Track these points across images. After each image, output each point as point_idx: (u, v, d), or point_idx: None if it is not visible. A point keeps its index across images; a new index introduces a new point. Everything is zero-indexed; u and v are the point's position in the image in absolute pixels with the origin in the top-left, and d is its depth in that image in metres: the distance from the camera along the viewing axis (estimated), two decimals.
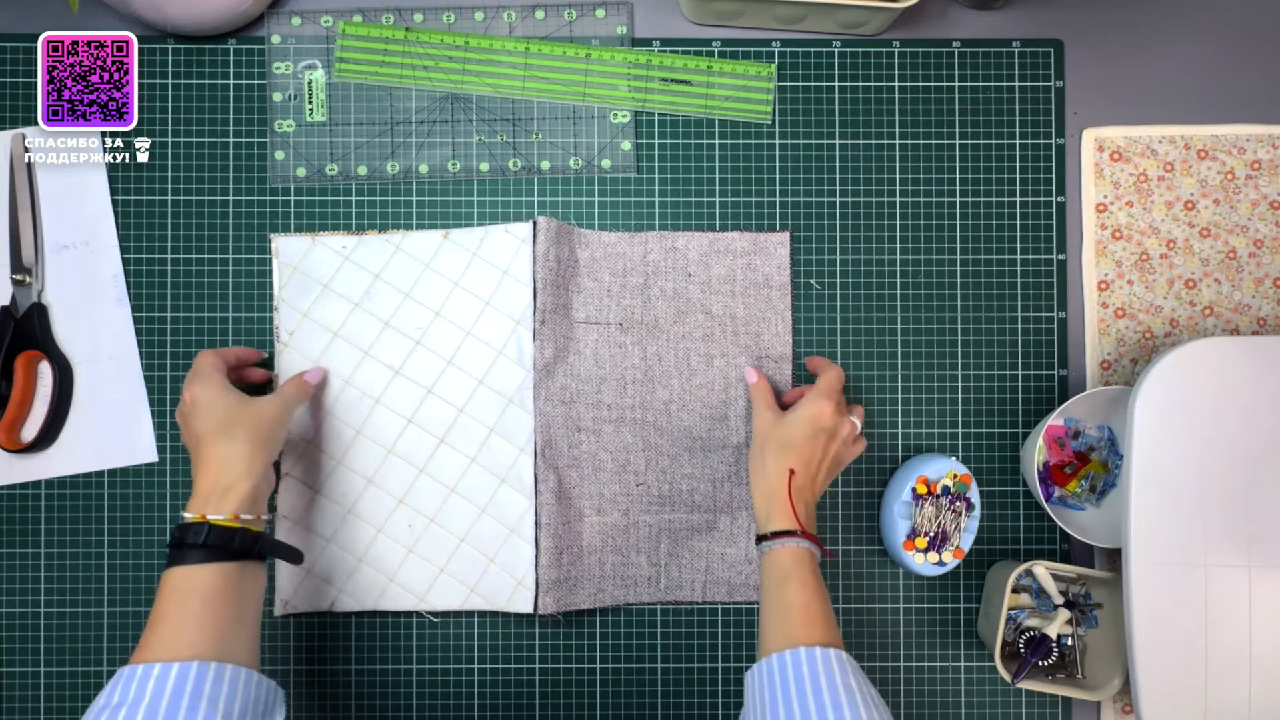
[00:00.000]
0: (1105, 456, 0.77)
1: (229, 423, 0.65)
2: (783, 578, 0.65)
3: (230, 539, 0.61)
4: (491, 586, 0.75)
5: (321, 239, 0.77)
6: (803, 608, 0.63)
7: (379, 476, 0.75)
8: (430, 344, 0.76)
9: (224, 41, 0.79)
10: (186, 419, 0.67)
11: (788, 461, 0.68)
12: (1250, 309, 0.80)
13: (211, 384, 0.67)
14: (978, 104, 0.80)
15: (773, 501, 0.68)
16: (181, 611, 0.59)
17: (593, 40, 0.79)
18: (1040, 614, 0.76)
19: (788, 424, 0.69)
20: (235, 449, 0.64)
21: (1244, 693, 0.66)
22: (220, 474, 0.64)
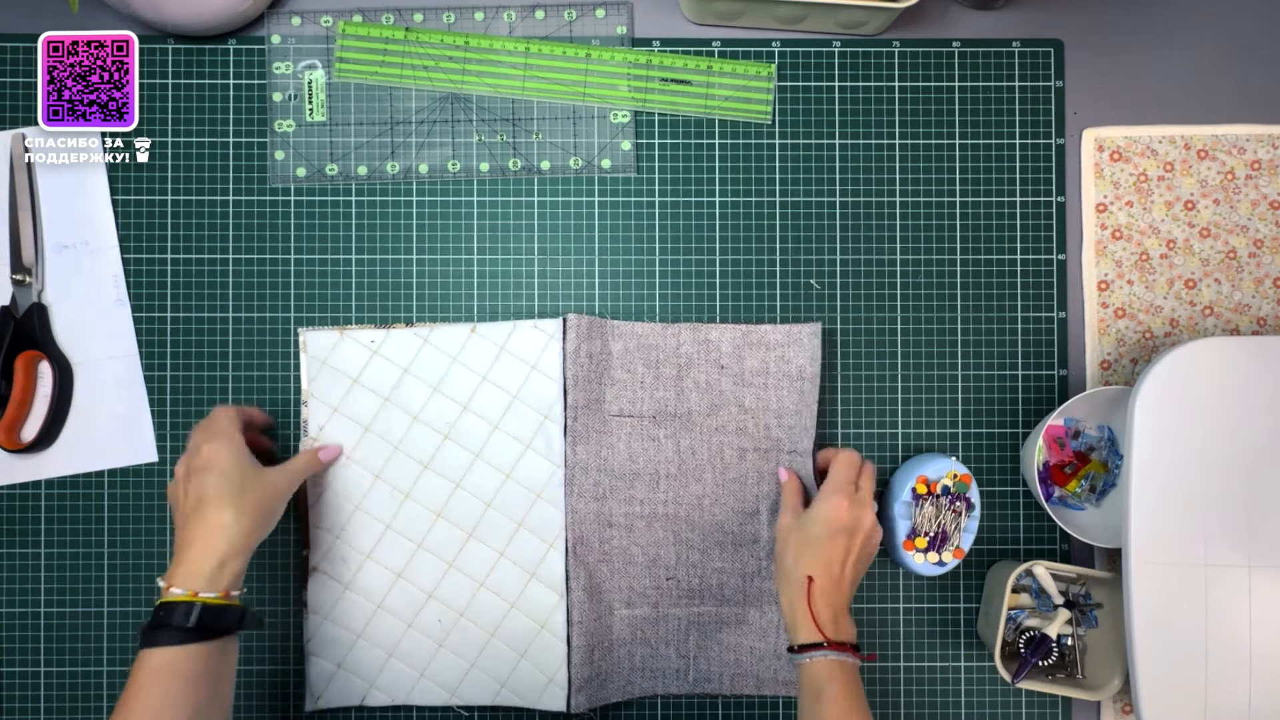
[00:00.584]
0: (1105, 456, 0.77)
1: (240, 492, 0.62)
2: (815, 693, 0.63)
3: (220, 618, 0.59)
4: (523, 682, 0.74)
5: (350, 333, 0.76)
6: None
7: (409, 571, 0.75)
8: (459, 438, 0.76)
9: (224, 41, 0.79)
10: (194, 476, 0.63)
11: (805, 568, 0.66)
12: (1250, 309, 0.80)
13: (231, 445, 0.64)
14: (978, 104, 0.80)
15: (796, 612, 0.66)
16: (163, 695, 0.56)
17: (593, 40, 0.79)
18: (1040, 614, 0.76)
19: (804, 525, 0.68)
20: (241, 521, 0.61)
21: (1244, 692, 0.66)
22: (218, 545, 0.61)
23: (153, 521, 0.78)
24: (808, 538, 0.67)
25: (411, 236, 0.79)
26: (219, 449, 0.64)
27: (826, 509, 0.67)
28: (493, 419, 0.76)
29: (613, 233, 0.79)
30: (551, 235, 0.79)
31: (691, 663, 0.76)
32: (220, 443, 0.64)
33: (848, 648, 0.65)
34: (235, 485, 0.62)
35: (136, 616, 0.77)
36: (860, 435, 0.79)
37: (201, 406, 0.78)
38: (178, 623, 0.57)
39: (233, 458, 0.64)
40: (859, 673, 0.65)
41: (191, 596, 0.59)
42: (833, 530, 0.66)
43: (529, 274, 0.79)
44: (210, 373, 0.78)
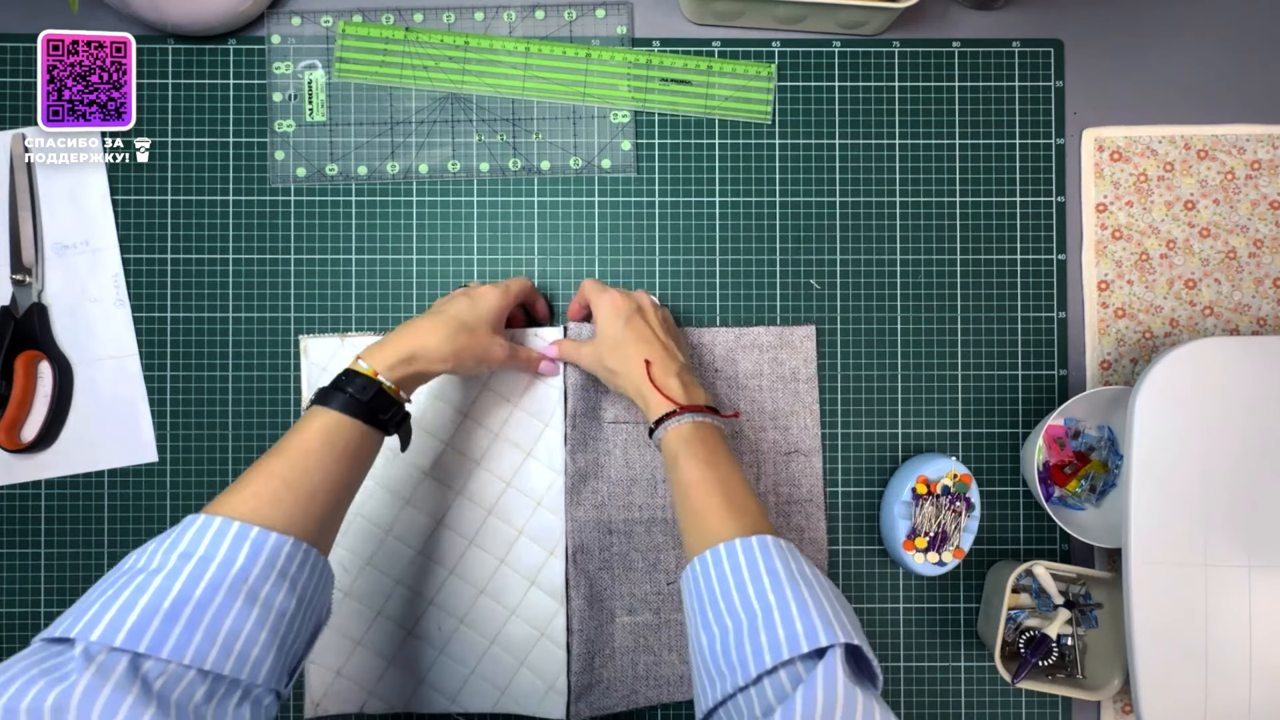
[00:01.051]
0: (1105, 456, 0.77)
1: (466, 329, 0.66)
2: (673, 459, 0.62)
3: (385, 407, 0.61)
4: (523, 689, 0.74)
5: (351, 340, 0.77)
6: (699, 485, 0.60)
7: (409, 577, 0.75)
8: (459, 445, 0.76)
9: (224, 41, 0.79)
10: (460, 296, 0.69)
11: (635, 359, 0.67)
12: (1250, 309, 0.80)
13: (499, 300, 0.69)
14: (978, 104, 0.80)
15: (645, 394, 0.66)
16: (318, 457, 0.56)
17: (593, 40, 0.79)
18: (1040, 614, 0.76)
19: (603, 339, 0.69)
20: (445, 344, 0.65)
21: (1244, 692, 0.66)
22: (415, 343, 0.63)
23: (153, 521, 0.78)
24: (615, 342, 0.68)
25: (411, 236, 0.79)
26: (491, 295, 0.69)
27: (605, 310, 0.69)
28: (493, 427, 0.76)
29: (613, 233, 0.79)
30: (551, 235, 0.79)
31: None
32: (497, 293, 0.69)
33: (702, 408, 0.64)
34: (468, 323, 0.67)
35: None
36: (860, 435, 0.79)
37: (201, 406, 0.78)
38: (354, 391, 0.59)
39: (490, 308, 0.68)
40: (720, 433, 0.64)
41: (373, 375, 0.61)
42: (625, 318, 0.68)
43: (529, 274, 0.79)
44: (210, 373, 0.78)
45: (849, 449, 0.79)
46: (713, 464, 0.61)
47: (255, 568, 0.50)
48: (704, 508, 0.59)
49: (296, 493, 0.54)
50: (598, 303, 0.70)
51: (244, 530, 0.51)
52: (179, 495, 0.78)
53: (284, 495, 0.54)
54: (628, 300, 0.70)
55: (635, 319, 0.69)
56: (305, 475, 0.55)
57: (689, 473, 0.60)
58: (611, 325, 0.69)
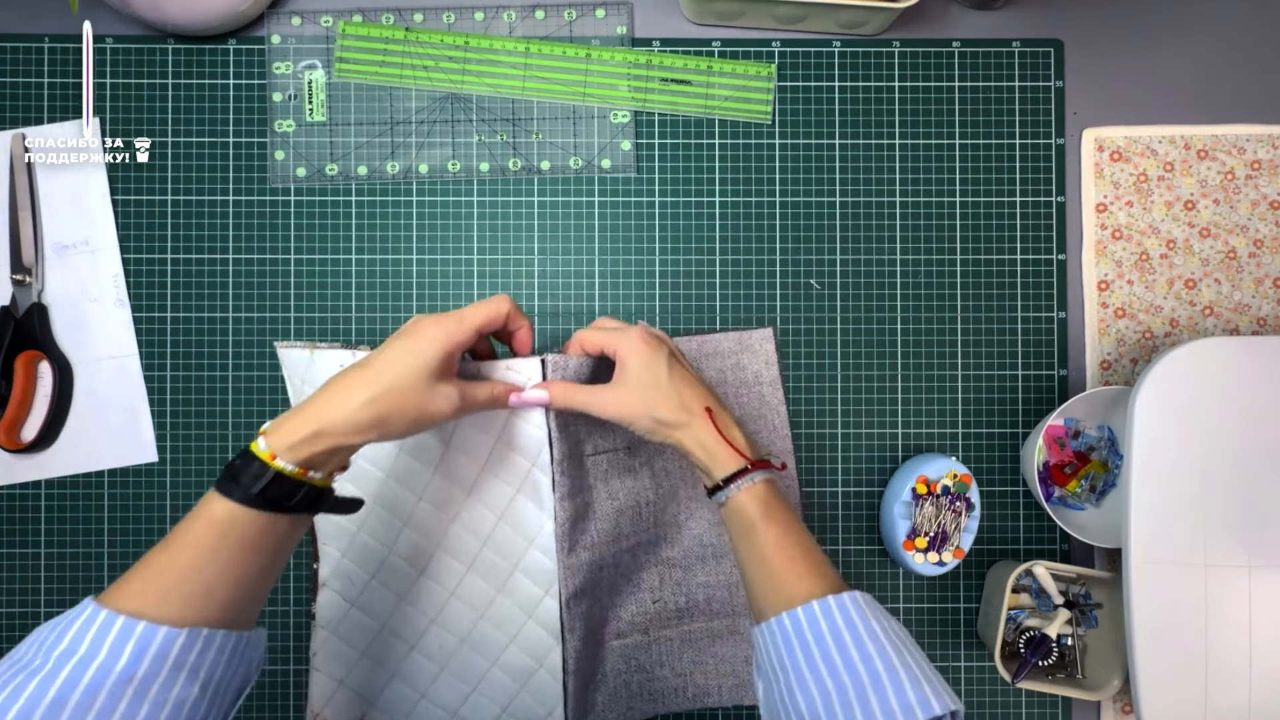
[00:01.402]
0: (1105, 456, 0.77)
1: (393, 385, 0.55)
2: (750, 524, 0.59)
3: (288, 495, 0.53)
4: (523, 711, 0.73)
5: (321, 353, 0.71)
6: (779, 548, 0.58)
7: (412, 595, 0.73)
8: (447, 472, 0.71)
9: (224, 41, 0.79)
10: (394, 339, 0.58)
11: (693, 405, 0.61)
12: (1250, 309, 0.80)
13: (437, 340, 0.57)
14: (978, 104, 0.80)
15: (714, 447, 0.61)
16: (210, 551, 0.51)
17: (593, 40, 0.79)
18: (1040, 614, 0.76)
19: (639, 385, 0.61)
20: (365, 410, 0.54)
21: (1244, 692, 0.66)
22: (325, 415, 0.54)
23: (153, 521, 0.78)
24: (664, 389, 0.61)
25: (411, 236, 0.79)
26: (433, 335, 0.57)
27: (641, 355, 0.61)
28: (479, 457, 0.70)
29: (613, 233, 0.79)
30: (551, 235, 0.79)
31: (688, 679, 0.76)
32: (444, 330, 0.57)
33: (767, 464, 0.62)
34: (397, 380, 0.55)
35: None
36: (860, 435, 0.79)
37: (201, 406, 0.78)
38: (244, 482, 0.52)
39: (430, 355, 0.56)
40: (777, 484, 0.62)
41: (268, 459, 0.52)
42: (667, 362, 0.62)
43: (529, 274, 0.79)
44: (210, 373, 0.78)
45: (849, 449, 0.79)
46: (789, 526, 0.59)
47: (142, 666, 0.46)
48: (786, 569, 0.58)
49: (187, 590, 0.50)
50: (624, 345, 0.62)
51: (128, 626, 0.47)
52: (179, 495, 0.78)
53: (172, 595, 0.49)
54: (660, 339, 0.63)
55: (675, 362, 0.63)
56: (196, 571, 0.50)
57: (769, 536, 0.59)
58: (651, 369, 0.61)
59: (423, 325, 0.58)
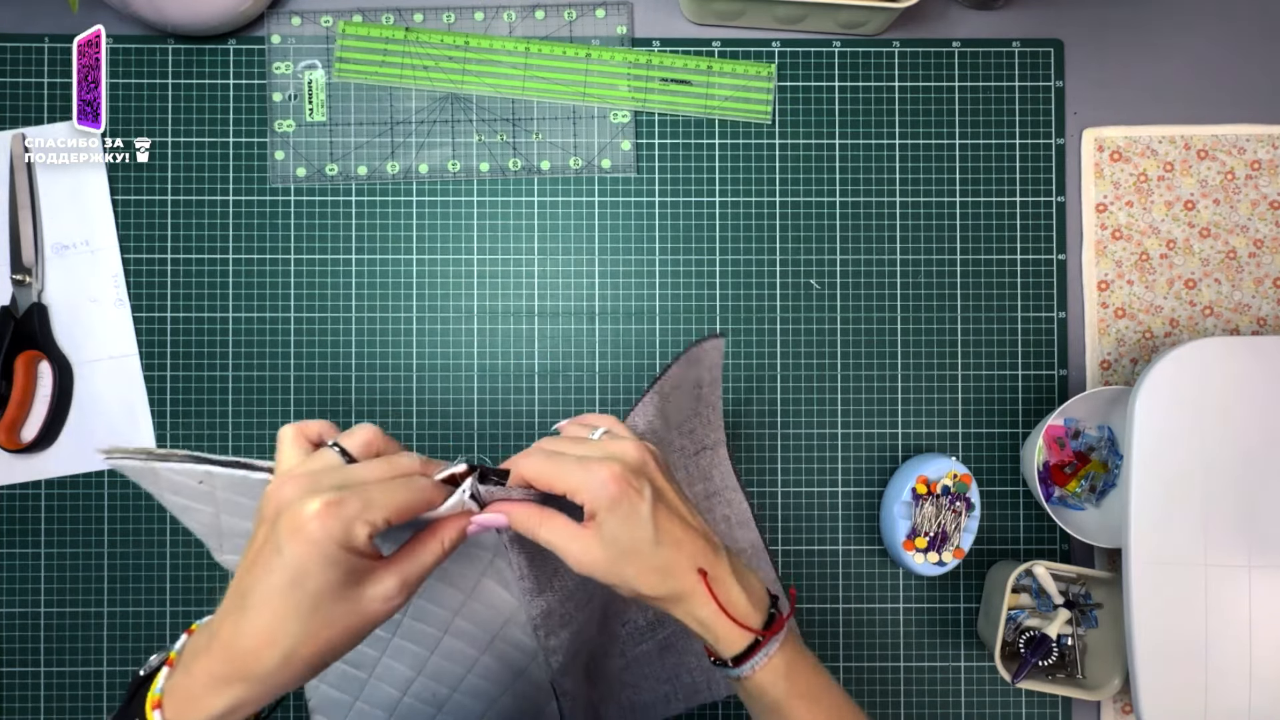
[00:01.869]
0: (1105, 456, 0.77)
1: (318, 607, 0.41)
2: (774, 706, 0.50)
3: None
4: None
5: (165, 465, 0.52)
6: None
7: (393, 651, 0.66)
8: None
9: (224, 41, 0.79)
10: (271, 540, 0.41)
11: (665, 574, 0.48)
12: (1250, 309, 0.80)
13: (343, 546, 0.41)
14: (978, 104, 0.80)
15: (710, 627, 0.49)
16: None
17: (593, 40, 0.79)
18: (1040, 614, 0.76)
19: (611, 540, 0.47)
20: (296, 661, 0.41)
21: (1244, 692, 0.66)
22: (249, 676, 0.41)
23: (153, 521, 0.78)
24: (641, 552, 0.47)
25: (411, 236, 0.79)
26: (308, 536, 0.40)
27: (607, 506, 0.46)
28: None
29: (613, 233, 0.79)
30: (551, 235, 0.79)
31: (676, 683, 0.75)
32: (317, 528, 0.40)
33: (778, 618, 0.51)
34: (310, 608, 0.40)
35: (136, 616, 0.77)
36: (860, 435, 0.79)
37: (201, 406, 0.78)
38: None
39: (335, 563, 0.40)
40: (797, 635, 0.53)
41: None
42: (635, 510, 0.47)
43: (529, 274, 0.79)
44: (210, 373, 0.78)
45: (849, 449, 0.79)
46: (815, 696, 0.50)
47: None
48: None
49: None
50: (590, 492, 0.46)
51: None
52: None
53: None
54: (641, 473, 0.47)
55: (660, 512, 0.47)
56: None
57: (799, 715, 0.50)
58: (629, 528, 0.47)
59: (304, 521, 0.40)
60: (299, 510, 0.40)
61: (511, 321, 0.79)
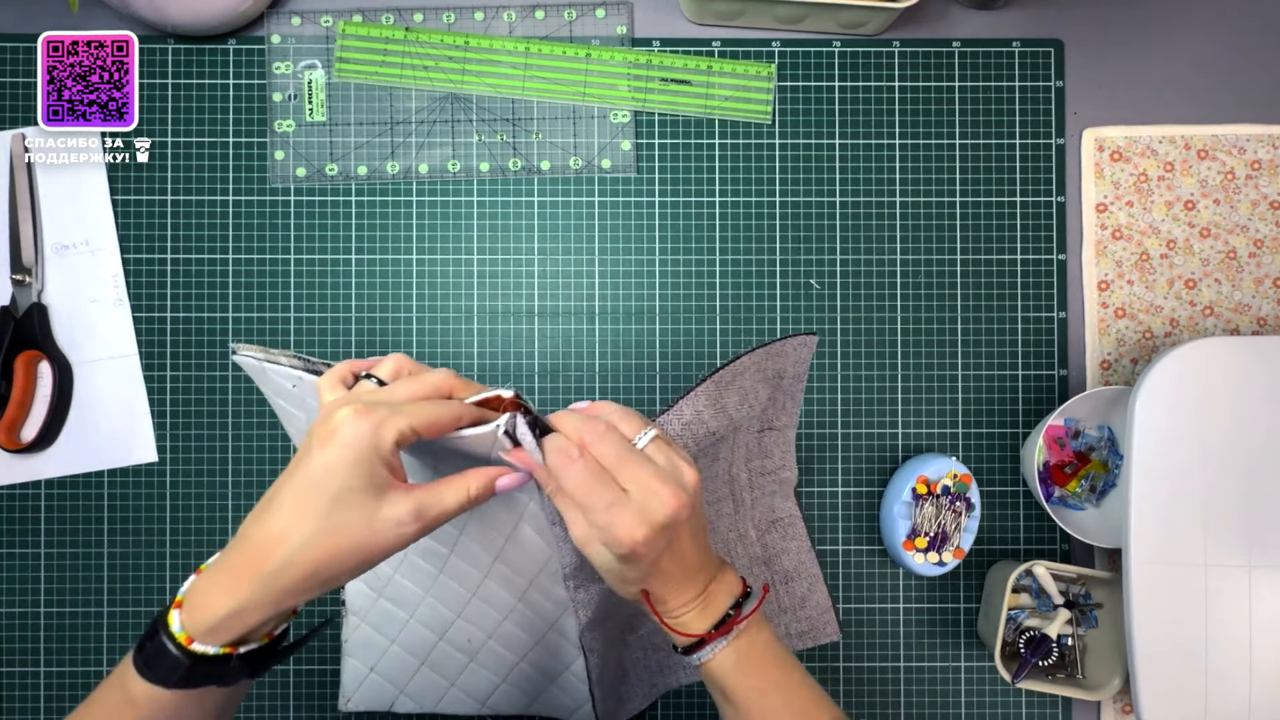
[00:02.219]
0: (1105, 456, 0.77)
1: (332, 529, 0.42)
2: (723, 693, 0.52)
3: (213, 674, 0.43)
4: (553, 701, 0.73)
5: (273, 369, 0.57)
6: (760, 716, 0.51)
7: (435, 591, 0.70)
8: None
9: (224, 41, 0.79)
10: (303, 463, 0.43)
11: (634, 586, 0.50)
12: (1250, 309, 0.80)
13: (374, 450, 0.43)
14: (978, 104, 0.80)
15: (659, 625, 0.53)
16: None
17: (593, 40, 0.79)
18: (1040, 614, 0.76)
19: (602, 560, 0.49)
20: (298, 566, 0.42)
21: (1244, 693, 0.66)
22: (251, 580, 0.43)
23: (153, 521, 0.78)
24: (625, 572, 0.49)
25: (411, 236, 0.79)
26: (342, 439, 0.42)
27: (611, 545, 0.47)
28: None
29: (613, 233, 0.79)
30: (551, 235, 0.79)
31: None
32: (351, 431, 0.42)
33: (730, 621, 0.51)
34: (309, 516, 0.42)
35: (136, 616, 0.77)
36: (860, 435, 0.79)
37: (201, 406, 0.78)
38: (159, 672, 0.43)
39: (340, 468, 0.42)
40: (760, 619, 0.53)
41: (185, 643, 0.42)
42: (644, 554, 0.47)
43: (529, 274, 0.79)
44: (210, 373, 0.78)
45: (849, 449, 0.79)
46: (764, 688, 0.51)
47: None
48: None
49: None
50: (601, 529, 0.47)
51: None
52: (179, 495, 0.78)
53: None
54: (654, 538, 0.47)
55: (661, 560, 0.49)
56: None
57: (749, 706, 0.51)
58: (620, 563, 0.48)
59: (333, 424, 0.42)
60: (333, 417, 0.43)
61: (511, 321, 0.79)
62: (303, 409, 0.59)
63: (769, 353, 0.66)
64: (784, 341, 0.66)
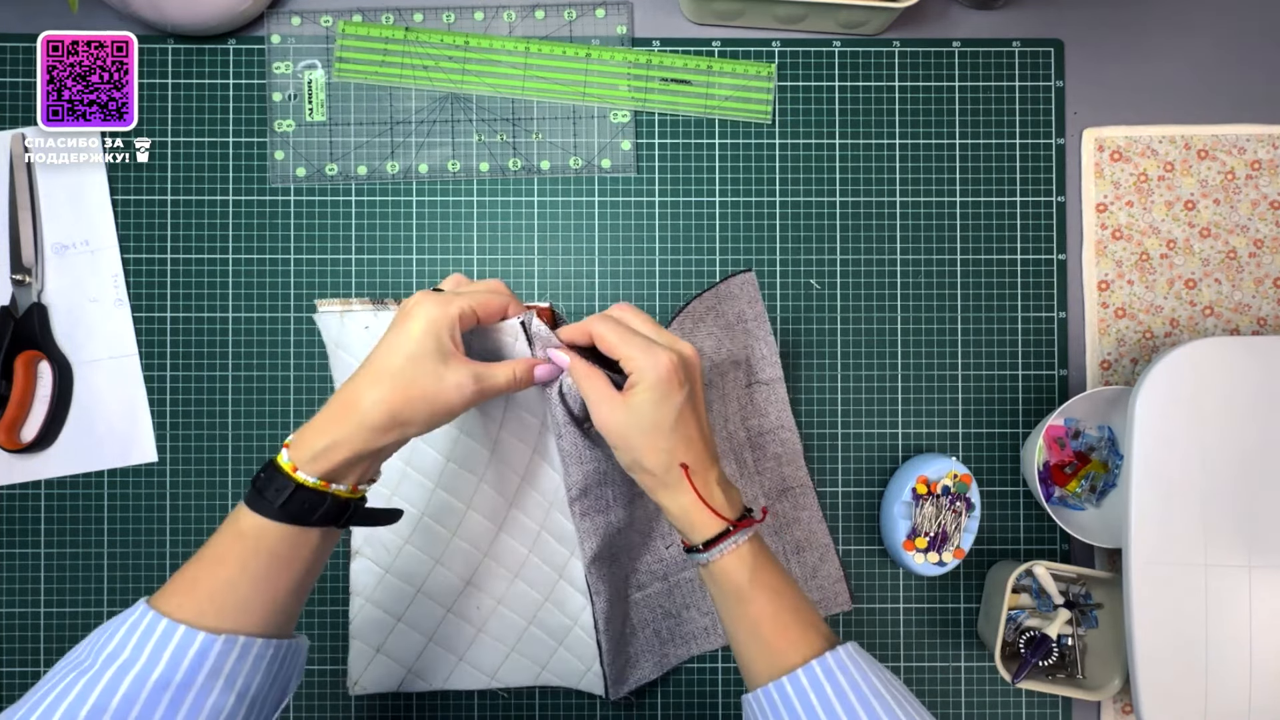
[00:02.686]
0: (1105, 456, 0.77)
1: (402, 377, 0.52)
2: (737, 592, 0.56)
3: (310, 509, 0.51)
4: (563, 666, 0.74)
5: (350, 316, 0.70)
6: (773, 616, 0.55)
7: (446, 557, 0.73)
8: (471, 430, 0.69)
9: (224, 41, 0.79)
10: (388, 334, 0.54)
11: (672, 458, 0.55)
12: (1250, 309, 0.80)
13: (439, 324, 0.53)
14: (978, 104, 0.80)
15: (690, 511, 0.56)
16: (241, 566, 0.51)
17: (593, 40, 0.79)
18: (1040, 614, 0.76)
19: (638, 412, 0.55)
20: (378, 409, 0.51)
21: (1244, 693, 0.66)
22: (338, 425, 0.52)
23: (152, 521, 0.78)
24: (654, 427, 0.55)
25: (411, 236, 0.79)
26: (422, 313, 0.53)
27: (653, 385, 0.54)
28: (495, 417, 0.69)
29: (613, 233, 0.79)
30: (551, 235, 0.79)
31: (716, 617, 0.76)
32: (431, 307, 0.53)
33: (751, 520, 0.57)
34: (392, 369, 0.52)
35: None
36: (860, 435, 0.79)
37: (201, 406, 0.78)
38: (269, 496, 0.51)
39: (422, 334, 0.52)
40: (761, 539, 0.58)
41: (290, 472, 0.51)
42: (680, 403, 0.55)
43: (529, 274, 0.79)
44: (210, 373, 0.78)
45: (849, 449, 0.79)
46: (778, 587, 0.56)
47: (178, 672, 0.47)
48: (778, 635, 0.55)
49: (221, 603, 0.50)
50: (645, 368, 0.55)
51: (169, 631, 0.48)
52: (179, 495, 0.78)
53: (207, 607, 0.50)
54: (688, 375, 0.56)
55: (688, 410, 0.56)
56: (229, 586, 0.50)
57: (760, 606, 0.55)
58: (660, 408, 0.55)
59: (410, 306, 0.54)
60: (415, 299, 0.54)
61: None
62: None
63: (717, 294, 0.73)
64: (725, 282, 0.73)
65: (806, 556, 0.77)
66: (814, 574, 0.77)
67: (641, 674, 0.75)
